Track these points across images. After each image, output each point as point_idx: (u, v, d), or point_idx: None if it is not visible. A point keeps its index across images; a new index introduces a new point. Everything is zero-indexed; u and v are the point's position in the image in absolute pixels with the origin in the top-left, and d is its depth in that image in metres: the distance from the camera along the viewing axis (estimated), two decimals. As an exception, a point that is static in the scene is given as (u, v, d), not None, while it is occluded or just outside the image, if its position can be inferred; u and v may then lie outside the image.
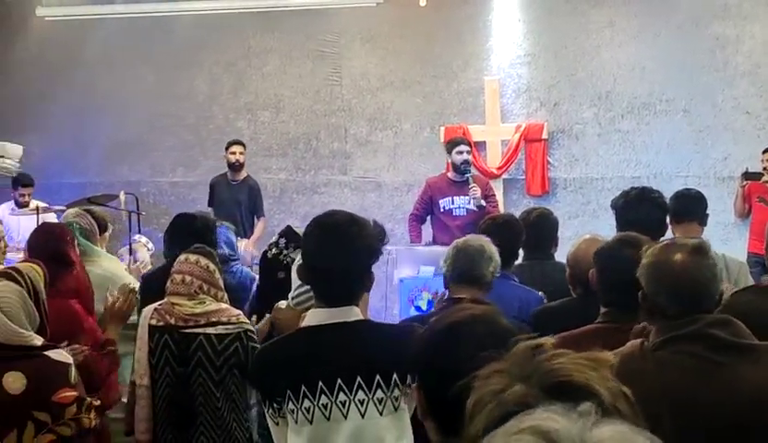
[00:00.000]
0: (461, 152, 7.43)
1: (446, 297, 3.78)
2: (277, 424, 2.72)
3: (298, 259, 4.19)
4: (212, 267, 3.93)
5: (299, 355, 2.68)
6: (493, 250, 3.70)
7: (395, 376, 2.63)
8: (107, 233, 5.77)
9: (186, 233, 4.54)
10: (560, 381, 1.13)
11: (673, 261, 2.54)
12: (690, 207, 4.49)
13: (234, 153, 8.58)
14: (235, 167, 8.58)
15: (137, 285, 4.71)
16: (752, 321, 3.24)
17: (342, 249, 2.59)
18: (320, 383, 2.61)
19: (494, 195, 7.86)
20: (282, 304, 4.20)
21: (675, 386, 2.50)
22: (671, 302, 2.53)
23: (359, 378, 2.62)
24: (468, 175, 7.44)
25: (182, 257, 3.97)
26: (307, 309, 4.06)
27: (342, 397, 2.62)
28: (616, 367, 2.65)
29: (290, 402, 2.64)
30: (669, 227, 4.36)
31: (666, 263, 2.56)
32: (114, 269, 5.04)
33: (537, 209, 5.00)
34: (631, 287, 2.61)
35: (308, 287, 4.03)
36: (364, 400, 2.63)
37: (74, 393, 3.28)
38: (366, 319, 2.78)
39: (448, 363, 1.62)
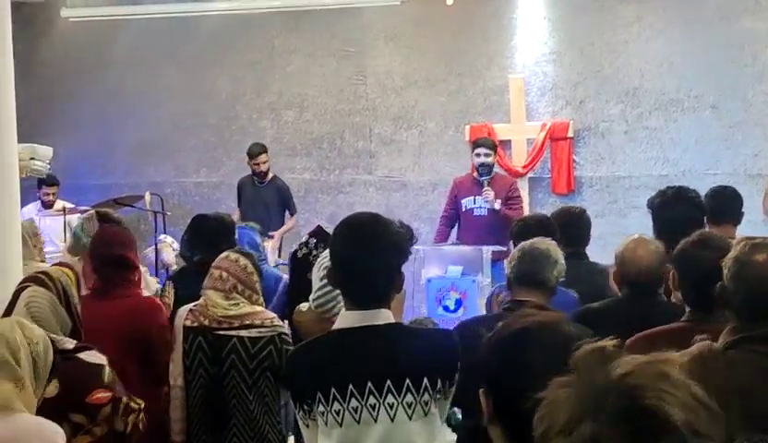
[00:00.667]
0: (478, 155, 7.54)
1: (508, 299, 3.74)
2: (307, 426, 2.70)
3: (320, 260, 4.17)
4: (251, 268, 3.92)
5: (329, 358, 2.67)
6: (559, 254, 3.66)
7: (425, 380, 2.60)
8: None
9: (203, 234, 4.54)
10: (631, 406, 1.07)
11: (756, 263, 2.54)
12: (727, 207, 4.44)
13: (258, 164, 8.56)
14: (262, 175, 8.57)
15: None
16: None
17: (368, 248, 2.56)
18: (350, 386, 2.59)
19: (518, 196, 7.84)
20: (304, 306, 4.17)
21: (746, 385, 2.48)
22: (747, 303, 2.54)
23: (389, 382, 2.59)
24: (485, 178, 7.47)
25: (224, 254, 3.98)
26: (328, 311, 4.05)
27: (371, 400, 2.60)
28: (685, 368, 2.61)
29: (320, 405, 2.62)
30: (707, 225, 4.29)
31: (750, 264, 2.55)
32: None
33: (570, 208, 4.96)
34: (711, 288, 2.65)
35: (329, 289, 4.01)
36: (393, 403, 2.60)
37: (108, 394, 3.26)
38: (398, 323, 2.74)
39: (514, 371, 1.61)
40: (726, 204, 4.47)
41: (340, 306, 4.05)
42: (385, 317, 2.61)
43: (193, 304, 3.90)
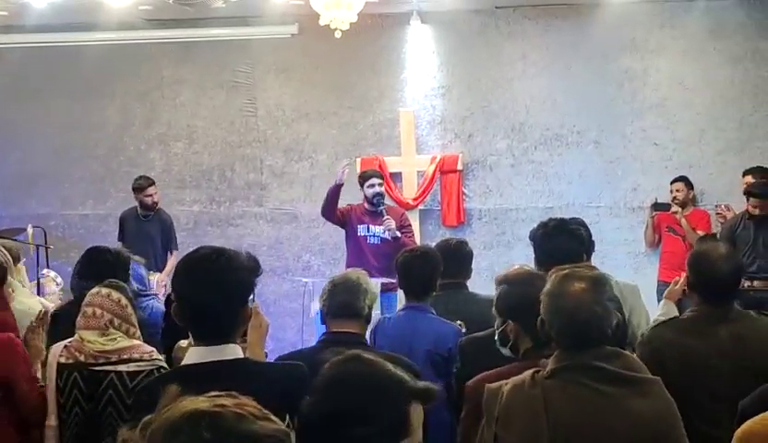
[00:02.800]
0: (372, 185, 7.57)
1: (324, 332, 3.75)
2: None
3: None
4: (124, 301, 3.82)
5: None
6: (369, 283, 3.75)
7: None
8: (20, 265, 5.57)
9: (98, 267, 4.41)
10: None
11: (567, 294, 2.64)
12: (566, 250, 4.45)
13: (150, 195, 8.36)
14: (152, 207, 8.39)
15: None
16: (667, 355, 3.32)
17: (210, 284, 2.49)
18: None
19: (410, 225, 7.90)
20: (184, 343, 4.10)
21: (560, 412, 2.59)
22: (561, 334, 2.66)
23: None
24: (382, 208, 7.51)
25: (94, 290, 3.85)
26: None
27: None
28: (506, 393, 2.72)
29: None
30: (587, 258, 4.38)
31: (561, 295, 2.65)
32: (31, 303, 4.86)
33: (452, 241, 5.00)
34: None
35: None
36: None
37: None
38: (245, 358, 2.66)
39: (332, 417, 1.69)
40: (566, 247, 4.50)
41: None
42: (231, 352, 2.53)
43: (68, 340, 3.78)
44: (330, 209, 7.62)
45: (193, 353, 2.58)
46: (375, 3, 7.96)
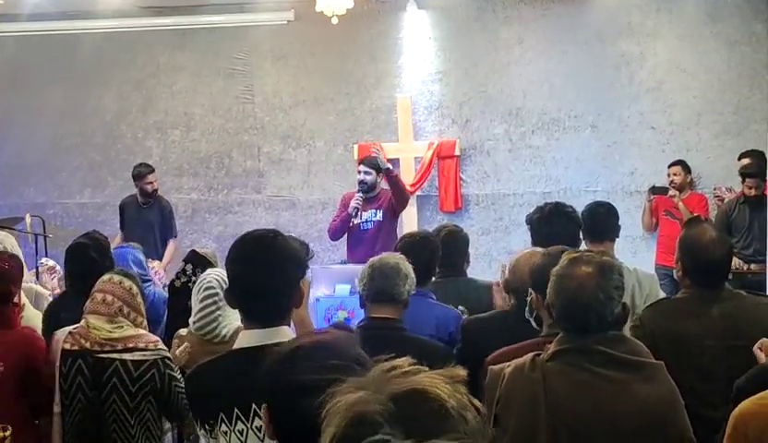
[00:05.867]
0: (359, 172, 7.54)
1: (363, 317, 3.75)
2: None
3: (199, 283, 4.11)
4: (135, 289, 3.84)
5: (229, 378, 2.62)
6: (408, 268, 3.68)
7: None
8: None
9: (78, 260, 4.41)
10: (410, 390, 1.15)
11: (573, 276, 2.63)
12: (602, 225, 4.55)
13: (150, 183, 8.30)
14: (152, 195, 8.37)
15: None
16: (660, 338, 3.34)
17: (269, 266, 2.51)
18: (253, 406, 2.56)
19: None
20: (183, 331, 4.11)
21: (559, 396, 2.59)
22: (561, 316, 2.66)
23: None
24: (370, 195, 7.49)
25: (105, 276, 3.86)
26: (209, 334, 4.00)
27: None
28: (507, 374, 2.72)
29: (222, 424, 2.58)
30: (584, 242, 4.41)
31: (567, 277, 2.65)
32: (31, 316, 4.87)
33: (447, 227, 5.01)
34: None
35: (209, 311, 3.96)
36: None
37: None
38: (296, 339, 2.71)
39: (291, 383, 1.73)
40: (601, 221, 4.59)
41: (221, 328, 4.03)
42: (284, 334, 2.55)
43: (72, 326, 3.80)
44: (339, 236, 7.64)
45: (248, 336, 2.58)
46: (371, -11, 7.95)
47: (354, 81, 9.33)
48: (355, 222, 7.62)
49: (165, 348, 3.82)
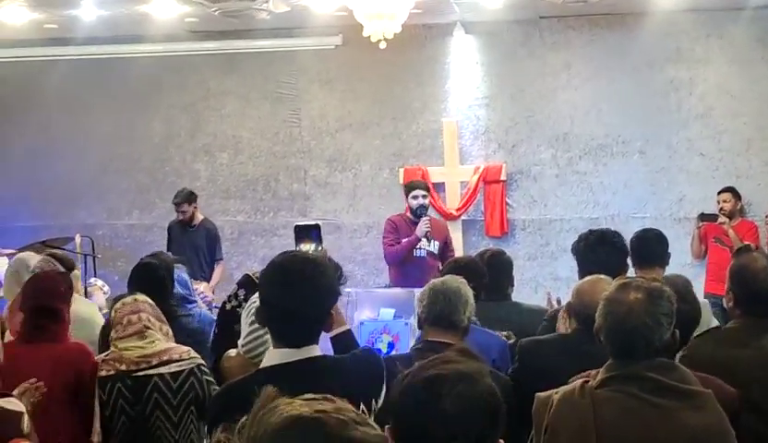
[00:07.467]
0: (416, 197, 7.46)
1: (420, 340, 3.67)
2: None
3: (249, 304, 4.11)
4: (149, 300, 3.89)
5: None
6: (469, 293, 3.58)
7: (362, 406, 2.56)
8: (76, 272, 5.64)
9: (146, 279, 4.46)
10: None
11: (622, 301, 2.59)
12: (651, 251, 4.50)
13: (183, 212, 8.46)
14: (187, 223, 8.48)
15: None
16: (708, 368, 3.28)
17: (302, 291, 2.51)
18: None
19: (451, 241, 7.82)
20: (232, 352, 4.11)
21: (607, 422, 2.54)
22: (608, 340, 2.62)
23: None
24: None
25: (117, 304, 3.89)
26: (257, 357, 3.99)
27: None
28: (556, 401, 2.68)
29: None
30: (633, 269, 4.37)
31: (616, 302, 2.61)
32: (90, 313, 4.93)
33: (490, 250, 5.00)
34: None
35: (259, 334, 3.96)
36: None
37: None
38: (325, 354, 2.70)
39: (423, 418, 1.63)
40: (651, 247, 4.54)
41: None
42: (314, 351, 2.56)
43: (103, 354, 3.83)
44: (400, 260, 7.53)
45: (275, 355, 2.58)
46: (418, 13, 7.99)
47: (400, 105, 9.35)
48: None
49: (198, 356, 3.84)
